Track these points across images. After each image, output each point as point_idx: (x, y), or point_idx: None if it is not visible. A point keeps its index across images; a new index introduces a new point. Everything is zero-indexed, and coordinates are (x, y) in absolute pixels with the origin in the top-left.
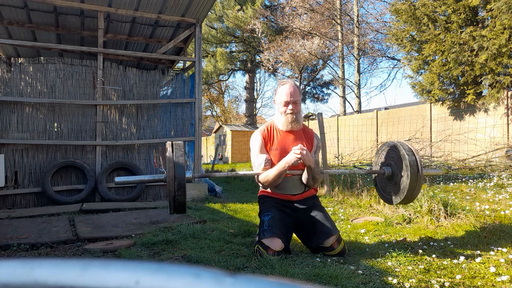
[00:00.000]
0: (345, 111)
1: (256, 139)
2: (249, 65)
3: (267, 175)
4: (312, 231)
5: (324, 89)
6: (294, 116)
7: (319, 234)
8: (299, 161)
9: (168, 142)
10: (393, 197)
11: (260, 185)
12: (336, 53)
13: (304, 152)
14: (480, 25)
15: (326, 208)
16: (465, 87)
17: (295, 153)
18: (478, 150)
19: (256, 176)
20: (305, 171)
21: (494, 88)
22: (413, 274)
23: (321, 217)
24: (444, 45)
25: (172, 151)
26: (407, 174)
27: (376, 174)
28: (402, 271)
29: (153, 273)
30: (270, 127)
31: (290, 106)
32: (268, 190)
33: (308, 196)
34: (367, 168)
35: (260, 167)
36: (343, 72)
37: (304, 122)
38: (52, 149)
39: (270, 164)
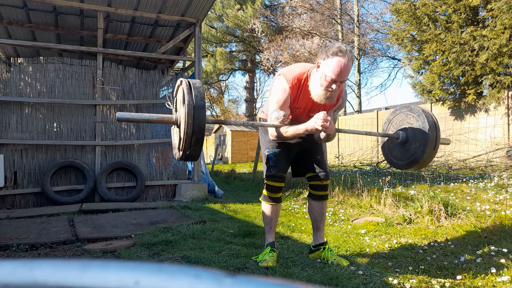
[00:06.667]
0: (345, 111)
1: (282, 91)
2: (249, 64)
3: (281, 132)
4: (308, 161)
5: None
6: (332, 94)
7: (314, 164)
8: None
9: (181, 79)
10: (400, 161)
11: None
12: None
13: (328, 124)
14: (480, 25)
15: (326, 209)
16: (465, 87)
17: (317, 124)
18: (479, 150)
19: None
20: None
21: (495, 88)
22: (413, 274)
23: (320, 153)
24: (444, 45)
25: (190, 92)
26: (423, 148)
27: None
28: (402, 271)
29: (152, 274)
30: (301, 82)
31: (334, 86)
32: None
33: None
34: (367, 168)
35: (276, 120)
36: None
37: None
38: (52, 149)
39: (287, 119)
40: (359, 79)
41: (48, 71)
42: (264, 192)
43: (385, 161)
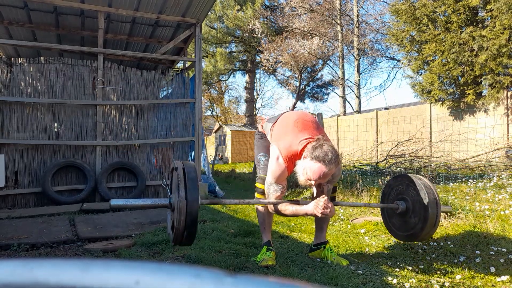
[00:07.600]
0: (345, 111)
1: (279, 168)
2: (249, 65)
3: (279, 210)
4: None
5: (324, 89)
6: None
7: None
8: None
9: (177, 161)
10: (398, 231)
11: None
12: (336, 53)
13: (328, 210)
14: (480, 25)
15: None
16: (465, 87)
17: (317, 211)
18: (478, 150)
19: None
20: None
21: (494, 88)
22: (413, 274)
23: None
24: (444, 45)
25: (184, 183)
26: (422, 225)
27: (386, 203)
28: (402, 271)
29: (153, 273)
30: (296, 156)
31: (313, 183)
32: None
33: None
34: (367, 168)
35: (274, 194)
36: (343, 72)
37: None
38: (52, 149)
39: (285, 190)
40: (359, 80)
41: (49, 71)
42: (256, 195)
43: (385, 161)
